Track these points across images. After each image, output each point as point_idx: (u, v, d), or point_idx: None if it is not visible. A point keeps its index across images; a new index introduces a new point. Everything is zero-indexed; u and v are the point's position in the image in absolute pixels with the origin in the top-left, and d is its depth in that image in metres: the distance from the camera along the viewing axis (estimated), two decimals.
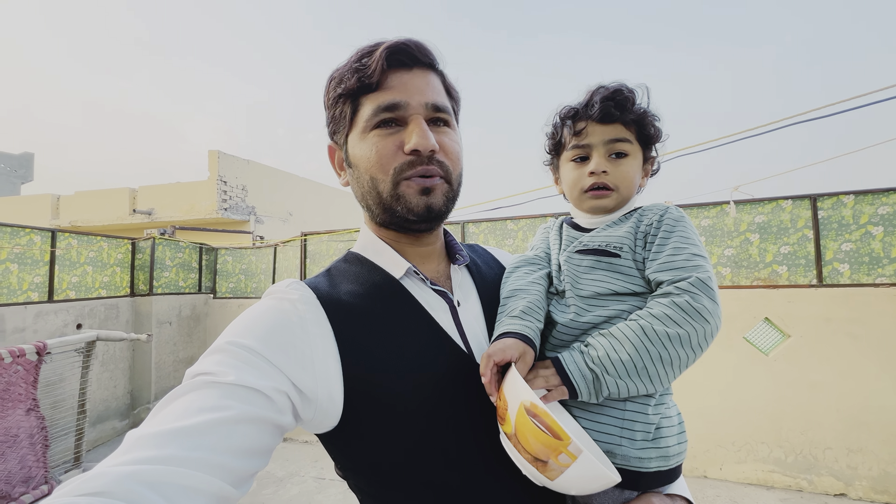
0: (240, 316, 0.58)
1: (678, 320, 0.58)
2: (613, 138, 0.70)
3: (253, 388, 0.48)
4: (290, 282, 0.62)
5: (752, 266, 3.82)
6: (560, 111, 0.76)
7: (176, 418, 0.44)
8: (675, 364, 0.58)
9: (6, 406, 3.00)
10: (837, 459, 3.34)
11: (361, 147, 0.62)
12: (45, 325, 4.47)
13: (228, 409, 0.46)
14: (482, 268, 0.77)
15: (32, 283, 4.49)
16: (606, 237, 0.68)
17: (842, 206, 3.59)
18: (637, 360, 0.57)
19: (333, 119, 0.66)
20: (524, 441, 0.51)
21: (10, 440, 3.00)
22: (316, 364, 0.55)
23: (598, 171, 0.70)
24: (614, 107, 0.69)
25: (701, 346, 0.59)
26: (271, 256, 6.13)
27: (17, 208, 11.72)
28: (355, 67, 0.61)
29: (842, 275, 3.56)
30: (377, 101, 0.61)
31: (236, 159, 10.00)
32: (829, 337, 3.42)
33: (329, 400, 0.55)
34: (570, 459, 0.48)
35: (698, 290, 0.59)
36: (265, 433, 0.49)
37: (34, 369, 3.12)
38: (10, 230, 4.34)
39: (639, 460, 0.57)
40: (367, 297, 0.62)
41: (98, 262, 5.21)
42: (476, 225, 4.92)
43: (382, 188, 0.62)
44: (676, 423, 0.63)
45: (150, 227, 9.45)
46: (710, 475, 3.67)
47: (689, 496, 0.63)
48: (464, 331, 0.64)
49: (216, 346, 0.53)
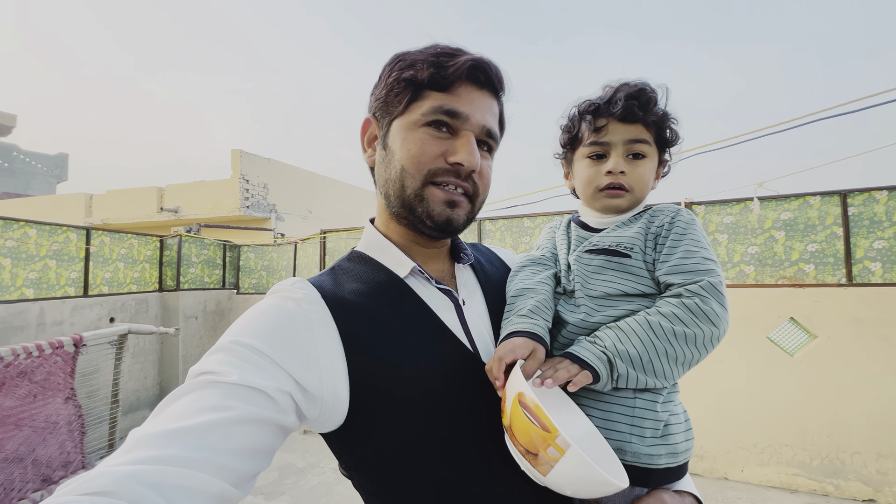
0: (244, 314, 0.58)
1: (686, 320, 0.58)
2: (634, 139, 0.69)
3: (256, 389, 0.48)
4: (295, 280, 0.62)
5: (777, 264, 3.71)
6: (579, 105, 0.73)
7: (178, 418, 0.44)
8: (680, 361, 0.58)
9: (46, 394, 3.17)
10: (866, 464, 3.23)
11: (407, 137, 0.61)
12: (81, 319, 4.70)
13: (231, 409, 0.46)
14: (486, 267, 0.77)
15: (69, 279, 4.72)
16: (617, 237, 0.68)
17: (874, 203, 3.45)
18: (643, 353, 0.58)
19: (386, 97, 0.63)
20: (517, 432, 0.51)
21: (50, 426, 3.18)
22: (321, 363, 0.54)
23: (616, 171, 0.69)
24: (638, 106, 0.67)
25: (706, 347, 0.59)
26: (291, 253, 6.28)
27: (53, 207, 12.30)
28: (432, 61, 0.60)
29: (873, 274, 3.43)
30: (442, 101, 0.60)
31: (258, 158, 10.23)
32: (859, 338, 3.30)
33: (334, 398, 0.55)
34: (558, 453, 0.47)
35: (708, 293, 0.59)
36: (267, 434, 0.49)
37: (71, 360, 3.30)
38: (49, 228, 4.57)
39: (648, 457, 0.58)
40: (372, 295, 0.62)
41: (129, 258, 5.44)
42: (493, 222, 4.92)
43: (409, 183, 0.61)
44: (683, 420, 0.63)
45: (176, 225, 9.77)
46: (730, 477, 3.60)
47: (697, 493, 0.63)
48: (469, 330, 0.64)
49: (220, 344, 0.52)
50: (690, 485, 0.64)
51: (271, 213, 10.29)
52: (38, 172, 25.99)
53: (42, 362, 3.10)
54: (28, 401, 3.00)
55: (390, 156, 0.63)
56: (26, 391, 3.01)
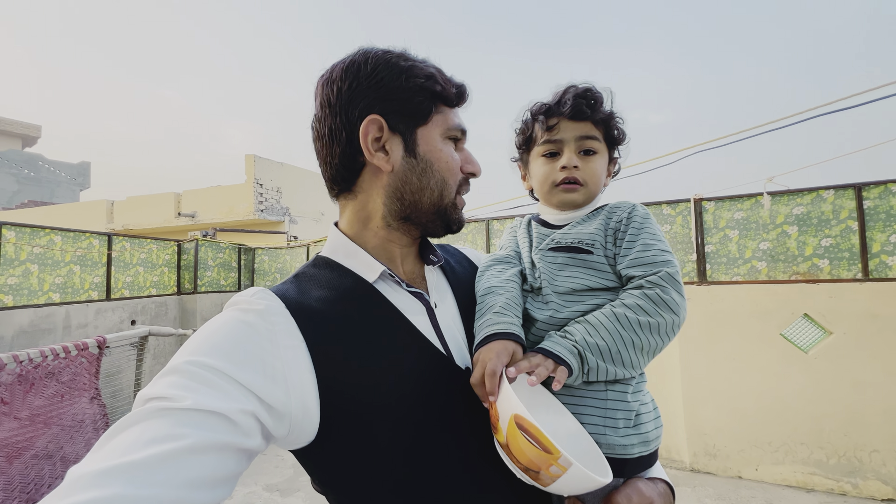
0: (199, 330, 0.53)
1: (649, 310, 0.61)
2: (584, 135, 0.72)
3: (213, 412, 0.44)
4: (256, 290, 0.59)
5: (790, 260, 3.65)
6: (531, 107, 0.77)
7: (123, 452, 0.40)
8: (646, 350, 0.61)
9: (73, 394, 3.31)
10: (885, 463, 3.16)
11: (442, 149, 0.65)
12: (104, 322, 4.88)
13: (183, 437, 0.42)
14: (456, 268, 0.77)
15: (93, 283, 4.91)
16: (578, 234, 0.70)
17: (890, 195, 3.37)
18: (612, 344, 0.60)
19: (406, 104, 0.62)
20: (516, 452, 0.51)
21: (77, 425, 3.32)
22: (287, 377, 0.51)
23: (570, 166, 0.72)
24: (586, 105, 0.71)
25: (668, 335, 0.62)
26: (304, 256, 6.40)
27: (76, 214, 12.73)
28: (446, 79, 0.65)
29: (890, 268, 3.35)
30: (458, 119, 0.67)
31: (271, 162, 10.43)
32: (876, 334, 3.23)
33: (304, 413, 0.52)
34: (560, 471, 0.48)
35: (667, 283, 0.62)
36: (228, 460, 0.45)
37: (96, 361, 3.43)
38: (73, 235, 4.77)
39: (623, 447, 0.59)
40: (340, 302, 0.60)
41: (148, 262, 5.62)
42: (501, 222, 4.94)
43: (447, 193, 0.65)
44: (652, 408, 0.66)
45: (193, 230, 10.02)
46: (745, 476, 3.55)
47: (668, 478, 0.65)
48: (442, 332, 0.63)
49: (172, 365, 0.48)
50: (661, 471, 0.66)
51: (285, 216, 10.47)
52: (63, 181, 26.90)
53: (68, 363, 3.24)
54: (56, 400, 3.14)
55: (426, 166, 0.63)
56: (54, 391, 3.15)
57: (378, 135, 0.62)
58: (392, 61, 0.62)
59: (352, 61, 0.63)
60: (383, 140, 0.63)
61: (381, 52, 0.64)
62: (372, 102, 0.61)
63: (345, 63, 0.63)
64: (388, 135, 0.62)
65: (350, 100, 0.62)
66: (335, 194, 0.70)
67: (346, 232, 0.68)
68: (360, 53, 0.64)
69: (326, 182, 0.69)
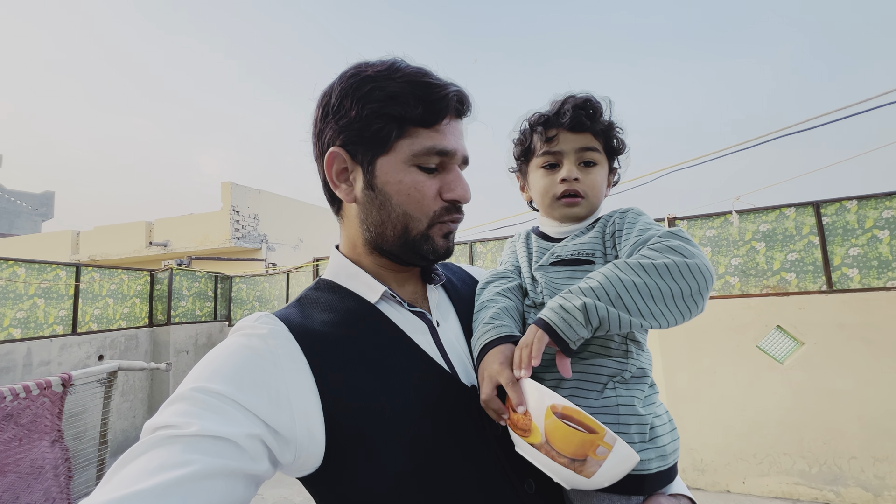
0: (205, 356, 0.53)
1: (652, 255, 0.58)
2: (584, 147, 0.71)
3: (220, 437, 0.44)
4: (259, 315, 0.58)
5: (760, 274, 3.83)
6: (530, 118, 0.75)
7: (132, 482, 0.40)
8: (656, 294, 0.55)
9: (32, 438, 3.08)
10: (864, 469, 3.26)
11: (403, 180, 0.59)
12: (70, 357, 4.60)
13: (191, 463, 0.41)
14: (458, 286, 0.75)
15: (58, 317, 4.65)
16: (578, 246, 0.69)
17: (845, 212, 3.61)
18: (609, 288, 0.56)
19: (362, 131, 0.58)
20: (559, 445, 0.49)
21: (35, 472, 3.07)
22: (292, 401, 0.51)
23: (570, 178, 0.70)
24: (585, 116, 0.70)
25: (684, 279, 0.56)
26: (284, 283, 6.27)
27: (39, 245, 12.14)
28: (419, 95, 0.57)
29: (851, 280, 3.55)
30: (434, 141, 0.58)
31: (248, 189, 10.31)
32: (844, 343, 3.39)
33: (309, 438, 0.51)
34: (606, 450, 0.48)
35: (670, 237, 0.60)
36: (237, 485, 0.44)
37: (59, 401, 3.21)
38: (38, 266, 4.54)
39: (640, 463, 0.56)
40: (343, 324, 0.59)
41: (119, 294, 5.38)
42: (483, 244, 5.00)
43: (414, 226, 0.60)
44: (667, 420, 0.63)
45: (166, 259, 9.70)
46: (733, 489, 3.58)
47: (690, 494, 0.63)
48: (445, 351, 0.62)
49: (179, 393, 0.48)
50: (683, 487, 0.63)
51: (262, 243, 10.28)
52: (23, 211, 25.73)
53: (29, 404, 3.02)
54: (13, 445, 2.90)
55: (384, 199, 0.60)
56: (12, 435, 2.91)
57: (343, 165, 0.61)
58: (356, 85, 0.58)
59: (329, 87, 0.62)
60: (349, 171, 0.61)
61: (352, 72, 0.60)
62: (335, 133, 0.60)
63: (325, 88, 0.62)
64: (351, 166, 0.61)
65: (321, 130, 0.62)
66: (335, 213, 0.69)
67: (346, 254, 0.68)
68: (339, 76, 0.61)
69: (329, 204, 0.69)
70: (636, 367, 0.63)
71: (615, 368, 0.62)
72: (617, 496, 0.57)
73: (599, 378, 0.61)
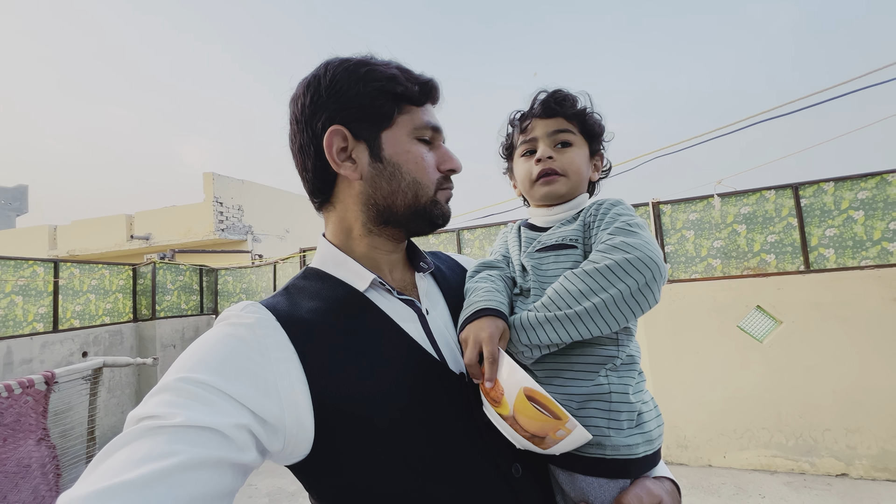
0: (190, 346, 0.53)
1: (595, 258, 0.62)
2: (556, 129, 0.75)
3: (206, 427, 0.44)
4: (246, 304, 0.58)
5: (742, 256, 3.92)
6: (510, 117, 0.81)
7: (116, 473, 0.39)
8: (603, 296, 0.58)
9: (17, 437, 3.03)
10: (836, 440, 3.41)
11: (410, 150, 0.63)
12: (52, 355, 4.51)
13: (176, 454, 0.41)
14: (447, 274, 0.77)
15: (37, 314, 4.54)
16: (562, 233, 0.72)
17: (823, 194, 3.70)
18: (556, 298, 0.60)
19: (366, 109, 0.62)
20: (525, 423, 0.54)
21: (22, 471, 3.03)
22: (280, 390, 0.51)
23: (544, 157, 0.74)
24: (554, 102, 0.75)
25: (629, 275, 0.58)
26: (271, 274, 6.21)
27: (13, 241, 11.76)
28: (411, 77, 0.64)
29: (828, 260, 3.66)
30: (427, 117, 0.65)
31: (231, 180, 10.09)
32: (820, 321, 3.51)
33: (298, 426, 0.51)
34: (566, 433, 0.53)
35: (615, 233, 0.63)
36: (224, 475, 0.44)
37: (43, 399, 3.16)
38: (14, 263, 4.41)
39: (628, 448, 0.59)
40: (331, 313, 0.60)
41: (100, 289, 5.27)
42: (471, 231, 5.01)
43: (423, 193, 0.64)
44: (652, 406, 0.66)
45: (149, 252, 9.50)
46: (714, 463, 3.73)
47: (672, 476, 0.66)
48: (434, 339, 0.63)
49: (163, 383, 0.47)
50: (666, 470, 0.66)
51: (247, 234, 10.13)
52: None
53: (11, 403, 2.97)
54: None
55: (394, 169, 0.62)
56: None
57: (343, 144, 0.62)
58: (350, 69, 0.62)
59: (313, 75, 0.64)
60: (349, 149, 0.63)
61: (340, 60, 0.64)
62: (333, 113, 0.62)
63: (307, 78, 0.64)
64: (352, 143, 0.63)
65: (313, 113, 0.62)
66: (318, 207, 0.70)
67: (334, 242, 0.68)
68: (321, 66, 0.64)
69: (308, 196, 0.69)
70: (626, 355, 0.65)
71: (606, 356, 0.63)
72: (604, 479, 0.60)
73: (592, 365, 0.63)
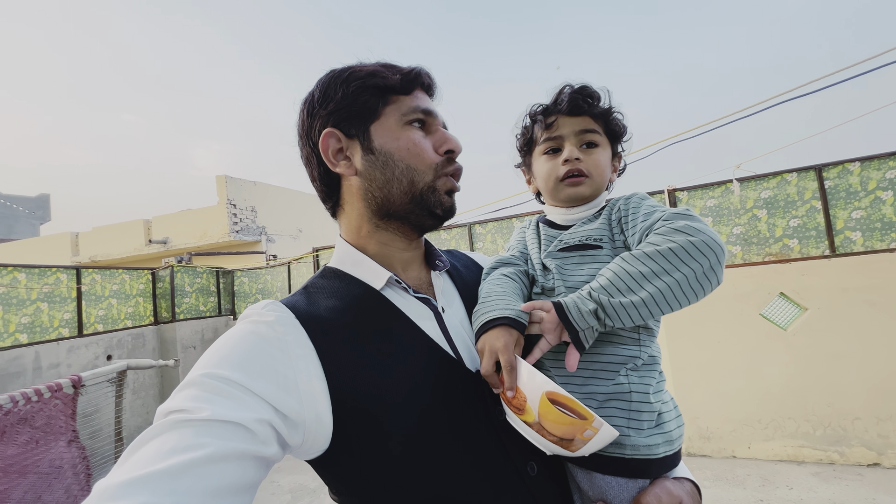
0: (214, 343, 0.55)
1: (657, 241, 0.59)
2: (584, 129, 0.72)
3: (231, 422, 0.46)
4: (267, 303, 0.60)
5: (763, 242, 3.81)
6: (530, 110, 0.78)
7: (146, 463, 0.41)
8: (668, 280, 0.57)
9: (49, 439, 3.13)
10: (867, 429, 3.30)
11: (400, 136, 0.63)
12: (78, 359, 4.65)
13: (204, 447, 0.43)
14: (463, 272, 0.77)
15: (63, 320, 4.68)
16: (585, 232, 0.70)
17: (848, 174, 3.56)
18: (617, 280, 0.58)
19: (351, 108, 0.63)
20: (551, 427, 0.53)
21: (54, 471, 3.13)
22: (300, 386, 0.52)
23: (572, 158, 0.71)
24: (582, 99, 0.72)
25: (693, 258, 0.57)
26: (286, 274, 6.27)
27: (38, 248, 12.14)
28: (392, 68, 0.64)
29: (854, 243, 3.53)
30: (417, 102, 0.64)
31: (244, 182, 10.22)
32: (847, 307, 3.39)
33: (317, 422, 0.53)
34: (593, 433, 0.53)
35: (671, 218, 0.61)
36: (248, 468, 0.46)
37: (72, 402, 3.25)
38: (38, 271, 4.54)
39: (648, 448, 0.59)
40: (349, 311, 0.61)
41: (121, 294, 5.40)
42: (483, 226, 4.97)
43: (419, 178, 0.63)
44: (672, 407, 0.65)
45: (166, 256, 9.69)
46: (738, 455, 3.65)
47: (693, 477, 0.65)
48: (451, 336, 0.64)
49: (189, 379, 0.49)
50: (686, 471, 0.66)
51: (261, 235, 10.26)
52: (21, 215, 25.67)
53: (42, 407, 3.06)
54: (31, 447, 2.96)
55: (386, 158, 0.63)
56: (28, 437, 2.96)
57: (338, 146, 0.65)
58: (335, 75, 0.65)
59: (308, 92, 0.68)
60: (344, 149, 0.65)
61: (327, 73, 0.67)
62: (325, 120, 0.64)
63: (304, 97, 0.68)
64: (346, 142, 0.65)
65: (310, 125, 0.66)
66: (332, 213, 0.72)
67: (350, 241, 0.69)
68: (315, 82, 0.68)
69: (323, 204, 0.72)
70: (647, 355, 0.64)
71: (627, 356, 0.63)
72: (624, 479, 0.59)
73: (613, 365, 0.63)
